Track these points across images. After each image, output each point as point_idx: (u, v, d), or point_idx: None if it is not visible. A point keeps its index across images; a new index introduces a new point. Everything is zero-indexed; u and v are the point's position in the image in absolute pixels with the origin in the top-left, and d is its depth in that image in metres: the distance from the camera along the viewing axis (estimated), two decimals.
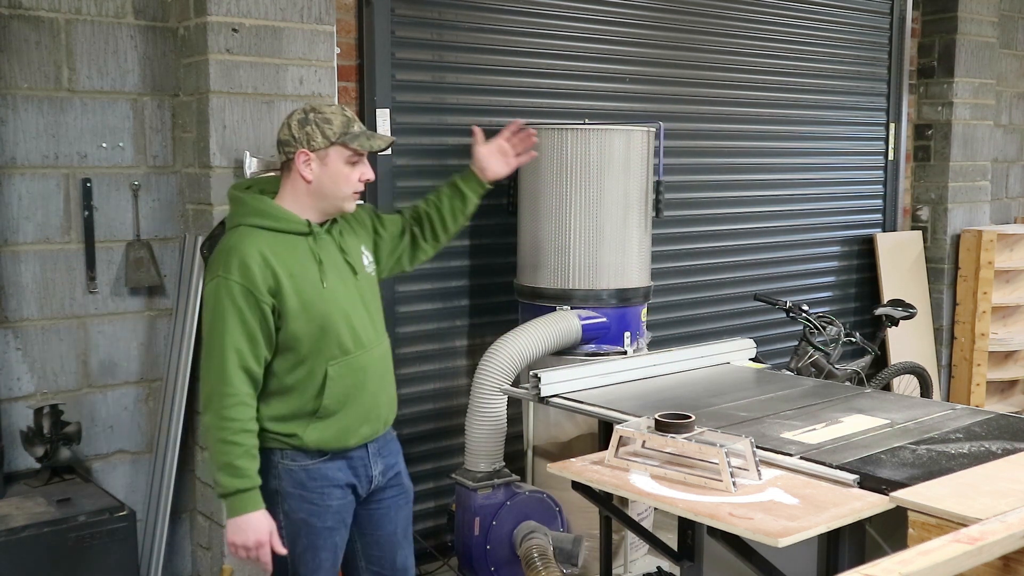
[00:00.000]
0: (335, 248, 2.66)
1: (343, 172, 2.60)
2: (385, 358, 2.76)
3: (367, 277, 2.74)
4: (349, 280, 2.66)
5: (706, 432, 2.63)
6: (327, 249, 2.64)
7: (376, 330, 2.72)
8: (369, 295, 2.73)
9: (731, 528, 2.25)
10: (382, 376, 2.74)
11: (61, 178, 3.49)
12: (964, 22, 6.21)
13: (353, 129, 2.61)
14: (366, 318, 2.68)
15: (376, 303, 2.76)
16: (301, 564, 2.67)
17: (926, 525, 2.19)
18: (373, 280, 2.79)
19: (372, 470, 2.74)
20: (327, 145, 2.58)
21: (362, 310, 2.67)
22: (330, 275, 2.60)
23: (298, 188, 2.62)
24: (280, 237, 2.57)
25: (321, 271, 2.58)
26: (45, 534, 3.01)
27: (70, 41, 3.46)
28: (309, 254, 2.59)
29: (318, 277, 2.58)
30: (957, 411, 3.10)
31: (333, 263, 2.63)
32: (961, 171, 6.38)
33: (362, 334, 2.65)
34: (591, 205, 4.03)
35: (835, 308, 6.03)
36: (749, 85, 5.46)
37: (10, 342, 3.44)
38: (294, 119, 2.61)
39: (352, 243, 2.74)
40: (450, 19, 4.30)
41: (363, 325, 2.66)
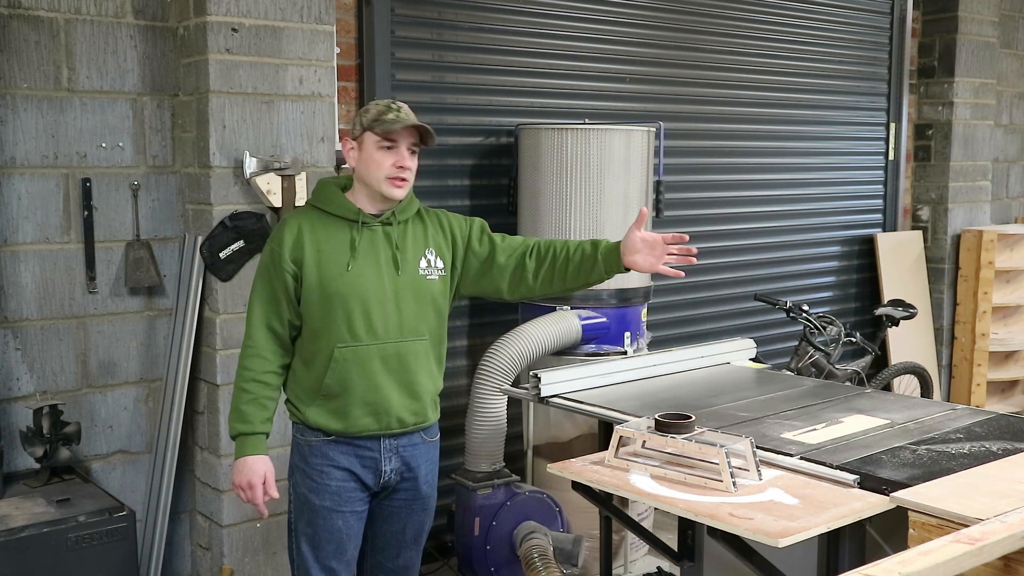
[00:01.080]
0: (386, 241, 2.73)
1: (375, 157, 2.70)
2: (408, 357, 2.74)
3: (417, 277, 2.75)
4: (388, 274, 2.71)
5: (706, 432, 2.63)
6: (374, 239, 2.72)
7: (404, 329, 2.72)
8: (411, 295, 2.73)
9: (731, 528, 2.25)
10: (395, 373, 2.72)
11: (61, 178, 3.48)
12: (964, 22, 6.21)
13: (386, 117, 2.70)
14: (394, 314, 2.71)
15: (420, 305, 2.75)
16: (302, 539, 2.79)
17: (926, 525, 2.19)
18: (428, 283, 2.77)
19: (383, 465, 2.76)
20: (361, 132, 2.72)
21: (391, 305, 2.70)
22: (362, 262, 2.69)
23: (353, 176, 2.80)
24: (328, 219, 2.72)
25: (352, 256, 2.68)
26: (45, 534, 3.01)
27: (70, 41, 3.45)
28: (347, 239, 2.70)
29: (345, 260, 2.68)
30: (957, 411, 3.10)
31: (373, 253, 2.71)
32: (961, 171, 6.38)
33: (379, 326, 2.69)
34: (591, 205, 4.03)
35: (835, 308, 6.02)
36: (749, 85, 5.46)
37: (10, 342, 3.44)
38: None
39: (415, 242, 2.78)
40: (450, 19, 4.30)
41: (385, 318, 2.69)
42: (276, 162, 3.54)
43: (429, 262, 2.78)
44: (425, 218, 2.85)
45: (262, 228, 3.55)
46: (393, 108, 2.72)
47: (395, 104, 2.74)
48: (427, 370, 2.79)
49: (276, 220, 3.58)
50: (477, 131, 4.44)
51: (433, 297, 2.78)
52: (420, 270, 2.75)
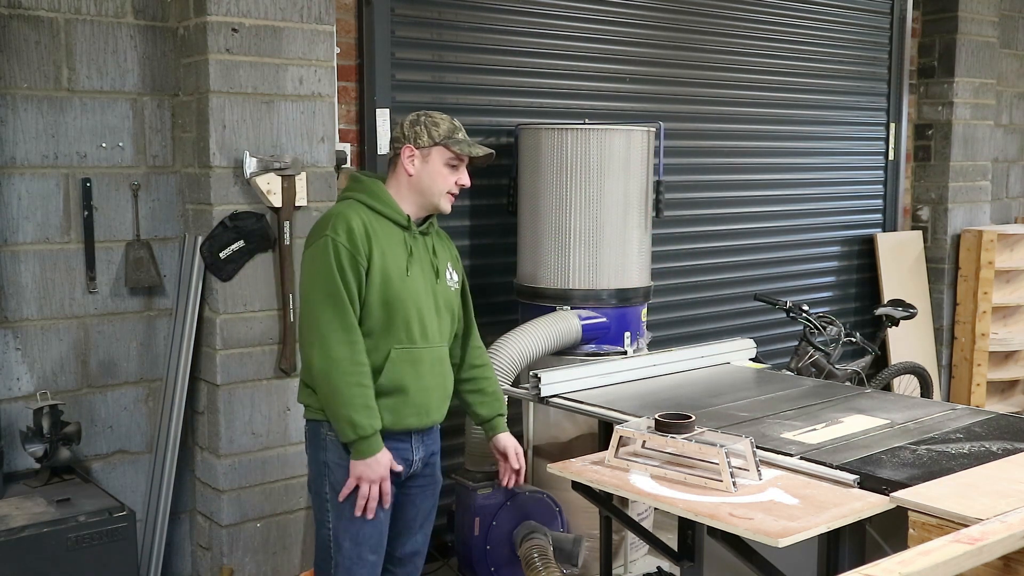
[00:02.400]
0: (426, 249, 2.86)
1: (442, 172, 2.82)
2: (444, 360, 2.91)
3: (445, 286, 2.90)
4: (431, 280, 2.84)
5: (706, 432, 2.63)
6: (419, 246, 2.83)
7: (441, 332, 2.87)
8: (443, 301, 2.88)
9: (731, 528, 2.25)
10: (438, 375, 2.87)
11: (61, 178, 3.48)
12: (964, 22, 6.21)
13: (458, 135, 2.84)
14: (435, 318, 2.84)
15: (450, 312, 2.91)
16: (345, 538, 2.78)
17: (926, 525, 2.19)
18: (453, 293, 2.94)
19: (413, 455, 2.86)
20: (431, 144, 2.82)
21: (434, 310, 2.83)
22: (415, 268, 2.79)
23: (400, 181, 2.84)
24: (381, 220, 2.78)
25: (409, 261, 2.78)
26: (45, 534, 3.01)
27: (70, 41, 3.45)
28: (403, 244, 2.79)
29: (404, 264, 2.77)
30: (957, 411, 3.10)
31: (421, 260, 2.82)
32: (961, 171, 6.38)
33: (430, 330, 2.82)
34: (591, 205, 4.03)
35: (835, 308, 6.02)
36: (749, 85, 5.46)
37: (10, 342, 3.44)
38: (407, 119, 2.87)
39: (442, 253, 2.93)
40: (450, 19, 4.30)
41: (431, 323, 2.82)
42: (276, 162, 3.54)
43: (451, 273, 2.95)
44: (440, 233, 2.99)
45: (262, 228, 3.55)
46: (456, 125, 2.86)
47: (455, 121, 2.88)
48: (450, 372, 2.96)
49: (276, 220, 3.58)
50: (477, 131, 4.44)
51: (454, 306, 2.95)
52: (448, 280, 2.92)
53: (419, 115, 2.88)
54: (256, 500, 3.62)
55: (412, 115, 2.89)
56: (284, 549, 3.70)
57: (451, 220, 4.39)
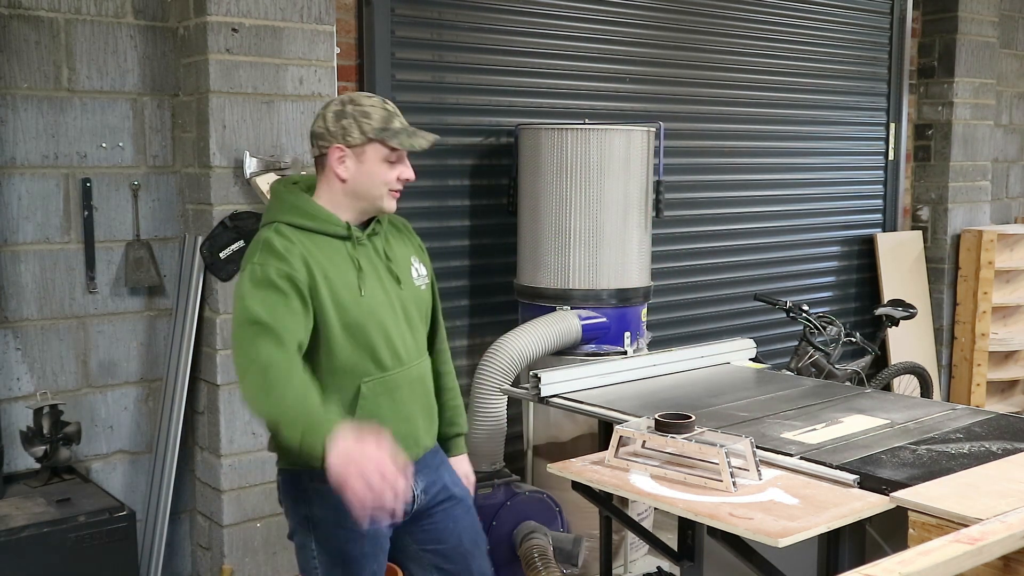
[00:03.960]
0: (378, 255, 2.44)
1: (380, 171, 2.38)
2: (424, 378, 2.52)
3: (413, 289, 2.49)
4: (391, 290, 2.42)
5: (706, 432, 2.63)
6: (367, 255, 2.41)
7: (417, 346, 2.49)
8: (413, 308, 2.48)
9: (731, 528, 2.25)
10: (420, 397, 2.49)
11: (61, 178, 3.48)
12: (964, 22, 6.21)
13: (393, 125, 2.37)
14: (407, 332, 2.45)
15: (421, 317, 2.52)
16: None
17: (926, 525, 2.19)
18: (422, 293, 2.53)
19: (413, 489, 2.45)
20: (364, 142, 2.35)
21: (403, 323, 2.43)
22: (369, 282, 2.38)
23: (333, 186, 2.39)
24: (317, 238, 2.34)
25: (360, 278, 2.36)
26: (45, 534, 3.01)
27: (70, 41, 3.45)
28: (348, 259, 2.36)
29: (356, 283, 2.35)
30: (957, 411, 3.10)
31: (374, 270, 2.41)
32: (961, 171, 6.38)
33: (401, 350, 2.42)
34: (591, 205, 4.03)
35: (835, 308, 6.02)
36: (749, 85, 5.46)
37: (10, 342, 3.44)
38: (330, 111, 2.37)
39: (400, 251, 2.51)
40: (450, 19, 4.30)
41: (402, 340, 2.43)
42: (276, 162, 3.54)
43: (416, 270, 2.53)
44: (396, 223, 2.57)
45: None
46: (389, 110, 2.40)
47: (387, 104, 2.41)
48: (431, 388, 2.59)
49: None
50: (477, 131, 4.44)
51: (427, 308, 2.56)
52: (415, 279, 2.51)
53: (344, 104, 2.37)
54: (256, 500, 3.62)
55: (335, 104, 2.38)
56: (284, 549, 3.70)
57: (451, 220, 4.40)
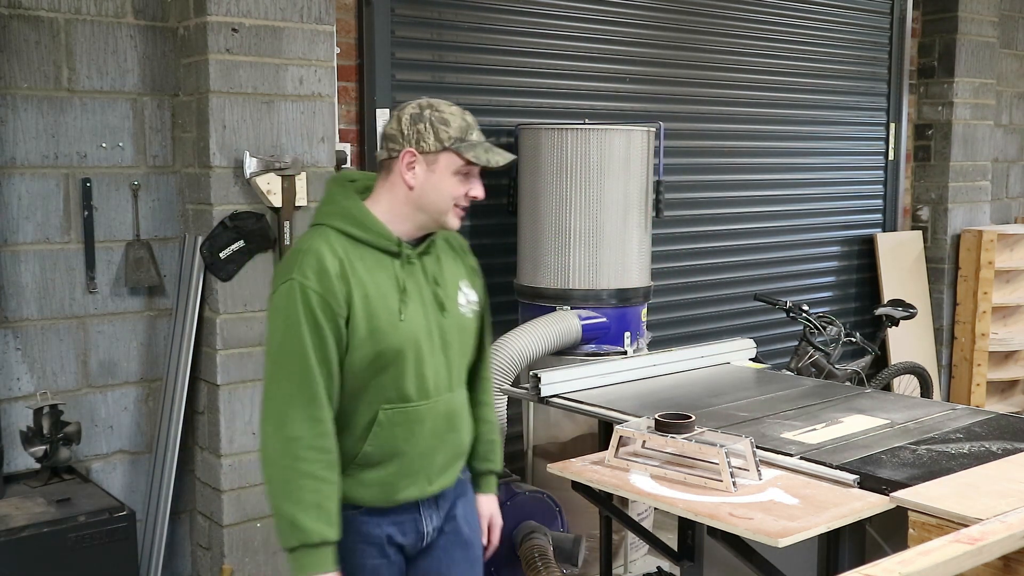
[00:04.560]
0: (425, 277, 2.24)
1: (450, 184, 2.18)
2: (454, 415, 2.28)
3: (458, 316, 2.28)
4: (432, 317, 2.23)
5: (706, 432, 2.63)
6: (415, 276, 2.22)
7: (452, 379, 2.27)
8: (455, 338, 2.27)
9: (731, 528, 2.25)
10: (444, 433, 2.27)
11: (61, 178, 3.48)
12: (964, 22, 6.21)
13: (471, 137, 2.20)
14: (442, 364, 2.24)
15: (462, 347, 2.31)
16: None
17: (926, 525, 2.19)
18: (467, 321, 2.31)
19: (425, 526, 2.30)
20: (438, 149, 2.17)
21: (439, 354, 2.24)
22: (411, 307, 2.19)
23: (396, 193, 2.20)
24: (364, 250, 2.17)
25: (402, 300, 2.17)
26: (45, 534, 3.01)
27: (70, 41, 3.45)
28: (393, 278, 2.18)
29: (396, 307, 2.16)
30: (957, 411, 3.10)
31: (419, 293, 2.21)
32: (961, 171, 6.38)
33: (430, 382, 2.22)
34: (591, 205, 4.03)
35: (835, 308, 6.03)
36: (749, 85, 5.46)
37: (10, 342, 3.44)
38: (406, 113, 2.20)
39: (451, 274, 2.30)
40: (450, 19, 4.30)
41: (435, 372, 2.23)
42: (276, 162, 3.54)
43: (465, 295, 2.32)
44: (450, 241, 2.36)
45: (262, 228, 3.55)
46: (468, 122, 2.22)
47: (467, 115, 2.23)
48: (468, 423, 2.36)
49: (276, 220, 3.58)
50: None
51: (471, 336, 2.35)
52: (460, 307, 2.29)
53: (422, 108, 2.20)
54: (256, 500, 3.62)
55: (412, 107, 2.21)
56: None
57: None
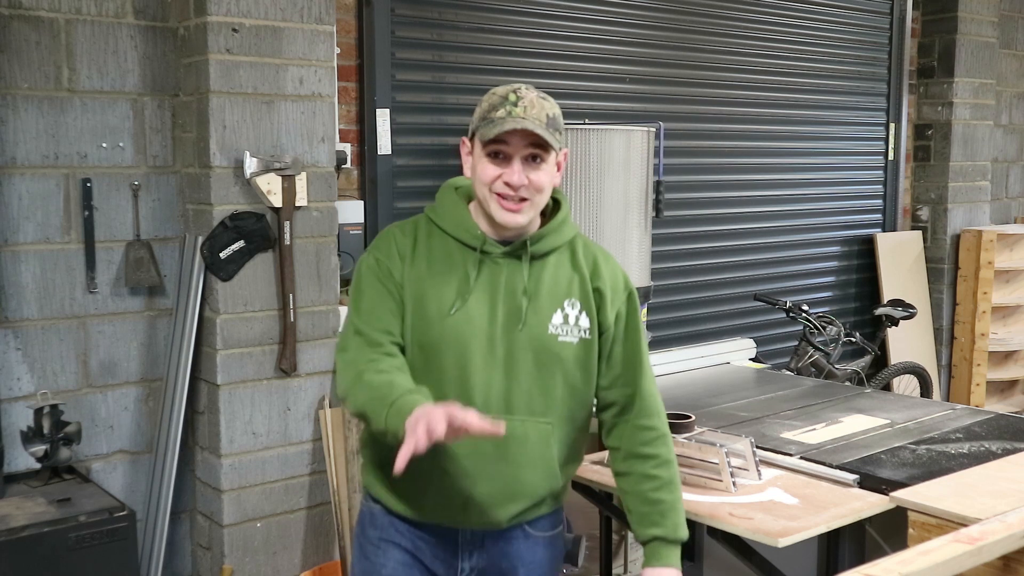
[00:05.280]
0: (510, 281, 2.02)
1: (483, 169, 2.01)
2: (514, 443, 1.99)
3: (542, 337, 2.01)
4: (500, 324, 2.00)
5: (706, 432, 2.63)
6: (494, 276, 2.02)
7: (513, 403, 2.00)
8: (530, 358, 2.01)
9: (731, 528, 2.25)
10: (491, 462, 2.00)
11: (61, 178, 3.48)
12: (964, 22, 6.22)
13: (496, 114, 1.97)
14: (499, 380, 1.99)
15: (543, 373, 2.03)
16: None
17: (926, 525, 2.19)
18: (559, 346, 2.03)
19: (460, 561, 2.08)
20: (472, 132, 2.06)
21: (498, 368, 1.99)
22: (472, 305, 1.99)
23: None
24: (448, 242, 2.05)
25: (462, 295, 1.99)
26: (45, 534, 3.01)
27: (70, 41, 3.45)
28: (462, 271, 2.02)
29: (451, 300, 1.99)
30: (957, 411, 3.11)
31: (490, 294, 2.01)
32: (961, 171, 6.38)
33: (478, 396, 1.97)
34: (591, 205, 4.04)
35: (835, 308, 6.03)
36: (749, 85, 5.46)
37: (10, 342, 3.44)
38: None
39: (553, 287, 2.05)
40: (450, 19, 4.30)
41: (487, 386, 1.99)
42: (276, 162, 3.54)
43: (567, 317, 2.04)
44: (579, 256, 2.10)
45: (262, 228, 3.56)
46: (509, 100, 1.97)
47: (516, 92, 1.99)
48: (543, 464, 2.05)
49: (277, 220, 3.58)
50: None
51: (564, 365, 2.04)
52: (551, 327, 2.02)
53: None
54: (256, 500, 3.62)
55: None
56: (284, 549, 3.70)
57: None
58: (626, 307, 2.11)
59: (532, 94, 2.00)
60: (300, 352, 3.65)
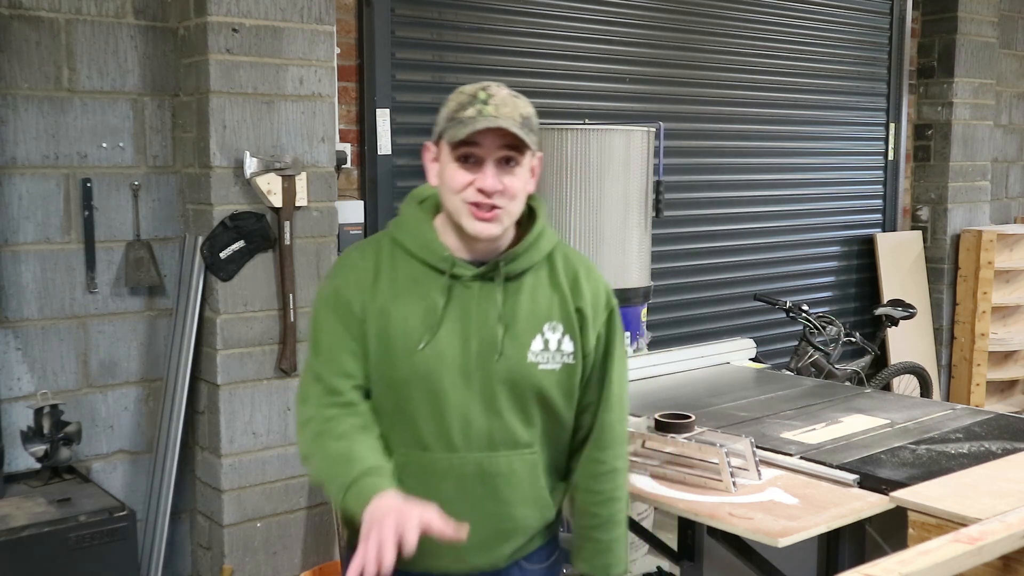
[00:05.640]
0: (484, 306, 1.86)
1: (451, 176, 1.82)
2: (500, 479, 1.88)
3: (523, 364, 1.87)
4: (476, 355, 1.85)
5: (706, 432, 2.63)
6: (466, 302, 1.85)
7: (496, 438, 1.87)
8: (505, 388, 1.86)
9: (731, 528, 2.25)
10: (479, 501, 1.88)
11: (61, 178, 3.48)
12: (964, 22, 6.22)
13: (464, 113, 1.78)
14: (479, 414, 1.85)
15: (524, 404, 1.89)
16: None
17: (926, 525, 2.19)
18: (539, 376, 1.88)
19: None
20: (437, 137, 1.86)
21: (476, 402, 1.84)
22: (443, 337, 1.83)
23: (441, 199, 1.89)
24: (413, 265, 1.87)
25: (430, 327, 1.82)
26: (45, 534, 3.01)
27: (70, 41, 3.45)
28: (430, 299, 1.84)
29: (419, 333, 1.82)
30: (957, 411, 3.10)
31: (462, 322, 1.85)
32: (961, 171, 6.38)
33: (456, 433, 1.84)
34: (591, 205, 4.03)
35: (835, 308, 6.03)
36: (749, 85, 5.46)
37: (10, 342, 3.44)
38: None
39: (532, 310, 1.88)
40: (450, 19, 4.31)
41: (465, 422, 1.84)
42: (276, 162, 3.54)
43: (548, 343, 1.89)
44: (559, 272, 1.93)
45: (262, 228, 3.56)
46: (479, 99, 1.80)
47: (486, 89, 1.83)
48: (534, 497, 1.94)
49: (276, 220, 3.58)
50: None
51: (545, 394, 1.90)
52: (531, 354, 1.87)
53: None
54: (256, 500, 3.62)
55: None
56: (284, 549, 3.70)
57: None
58: (606, 328, 1.97)
59: (503, 91, 1.83)
60: (300, 352, 3.65)
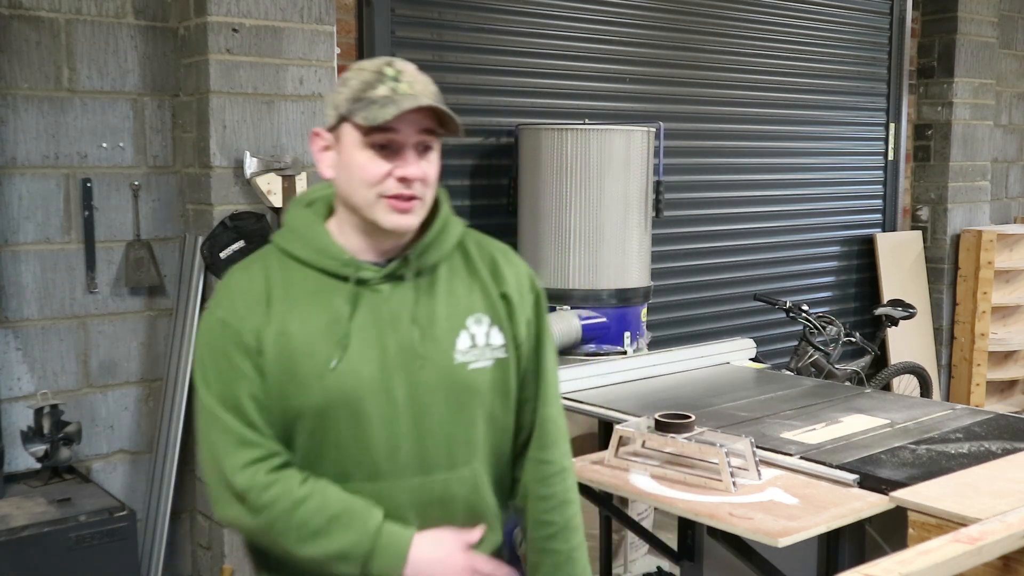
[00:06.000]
0: (397, 309, 1.63)
1: (361, 164, 1.60)
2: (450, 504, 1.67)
3: (448, 369, 1.64)
4: (398, 368, 1.62)
5: (706, 432, 2.63)
6: (377, 309, 1.62)
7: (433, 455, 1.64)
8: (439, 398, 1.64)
9: (731, 528, 2.25)
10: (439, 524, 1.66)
11: (61, 178, 3.49)
12: (964, 22, 6.22)
13: (375, 92, 1.57)
14: (409, 440, 1.62)
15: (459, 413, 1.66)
16: None
17: (926, 525, 2.19)
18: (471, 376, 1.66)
19: None
20: (336, 121, 1.63)
21: (406, 425, 1.62)
22: (356, 352, 1.59)
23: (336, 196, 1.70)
24: (308, 274, 1.64)
25: (339, 342, 1.59)
26: (45, 534, 3.01)
27: (70, 41, 3.45)
28: (333, 310, 1.61)
29: (327, 350, 1.59)
30: (957, 411, 3.10)
31: (376, 333, 1.61)
32: (961, 171, 6.38)
33: (385, 465, 1.62)
34: (591, 205, 4.04)
35: (835, 308, 6.03)
36: (749, 85, 5.46)
37: (10, 342, 3.44)
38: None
39: (450, 306, 1.67)
40: (450, 19, 4.31)
41: (395, 451, 1.62)
42: (276, 162, 3.54)
43: (475, 337, 1.67)
44: (474, 258, 1.76)
45: (262, 228, 3.56)
46: (387, 76, 1.60)
47: (392, 64, 1.63)
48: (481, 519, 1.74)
49: (277, 220, 3.58)
50: (477, 131, 4.45)
51: (481, 397, 1.68)
52: (457, 354, 1.65)
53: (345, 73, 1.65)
54: None
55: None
56: None
57: None
58: (535, 314, 1.76)
59: (410, 65, 1.65)
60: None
